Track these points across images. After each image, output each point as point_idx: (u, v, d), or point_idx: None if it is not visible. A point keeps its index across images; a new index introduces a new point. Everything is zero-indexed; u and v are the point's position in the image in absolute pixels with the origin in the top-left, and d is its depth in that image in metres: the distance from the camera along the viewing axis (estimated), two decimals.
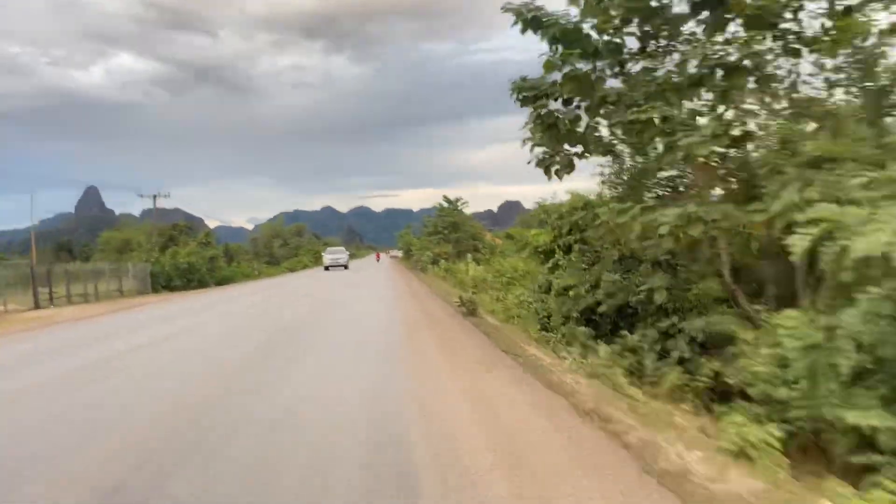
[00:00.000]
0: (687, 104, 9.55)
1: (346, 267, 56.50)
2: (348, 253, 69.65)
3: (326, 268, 55.73)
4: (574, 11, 10.37)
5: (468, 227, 63.26)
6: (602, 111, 10.76)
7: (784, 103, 9.45)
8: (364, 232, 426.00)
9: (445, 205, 62.44)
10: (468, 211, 63.23)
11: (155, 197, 52.07)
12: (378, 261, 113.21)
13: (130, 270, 33.76)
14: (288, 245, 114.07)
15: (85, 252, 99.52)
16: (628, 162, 12.22)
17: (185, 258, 42.83)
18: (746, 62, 8.67)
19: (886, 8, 8.70)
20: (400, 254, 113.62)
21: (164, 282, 40.13)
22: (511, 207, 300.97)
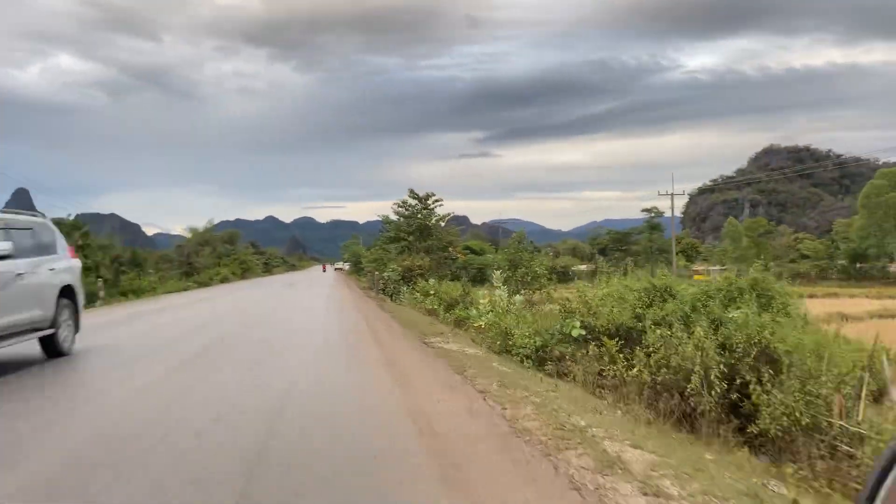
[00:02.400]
0: None
1: None
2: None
3: None
4: None
5: (441, 234, 45.54)
6: None
7: None
8: (308, 243, 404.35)
9: (412, 202, 44.52)
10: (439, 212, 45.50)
11: None
12: (324, 272, 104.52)
13: None
14: (216, 253, 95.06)
15: None
16: None
17: None
18: None
19: None
20: (346, 266, 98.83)
21: None
22: (459, 221, 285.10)
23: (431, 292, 21.45)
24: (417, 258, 32.40)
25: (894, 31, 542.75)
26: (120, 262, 63.43)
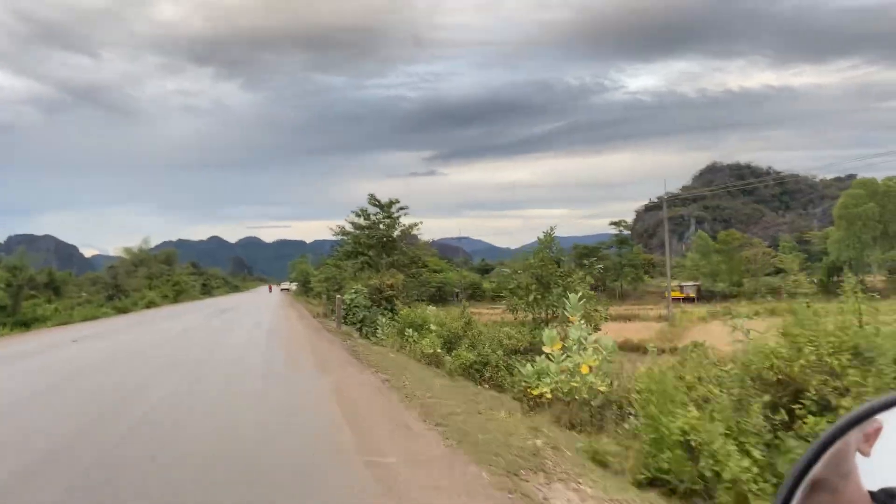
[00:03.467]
0: None
1: None
2: None
3: None
4: None
5: (405, 249, 37.95)
6: None
7: None
8: (253, 263, 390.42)
9: (373, 209, 36.79)
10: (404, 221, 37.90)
11: None
12: (270, 292, 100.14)
13: None
14: (149, 275, 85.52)
15: None
16: None
17: None
18: None
19: None
20: (293, 286, 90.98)
21: None
22: (409, 239, 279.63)
23: (432, 327, 13.74)
24: (387, 276, 24.66)
25: (821, 56, 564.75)
26: (33, 285, 53.95)
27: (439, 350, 12.40)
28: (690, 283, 73.07)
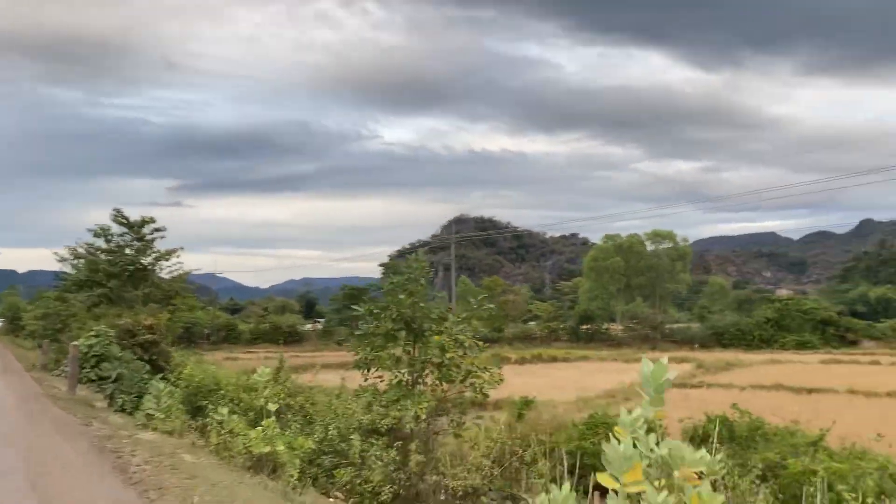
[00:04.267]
0: None
1: None
2: None
3: None
4: None
5: (158, 281, 30.13)
6: None
7: None
8: None
9: (118, 229, 28.68)
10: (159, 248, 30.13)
11: None
12: None
13: None
14: None
15: None
16: None
17: None
18: None
19: None
20: None
21: None
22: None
23: (270, 406, 7.64)
24: (144, 314, 17.75)
25: (551, 127, 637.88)
26: None
27: (280, 447, 6.82)
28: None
